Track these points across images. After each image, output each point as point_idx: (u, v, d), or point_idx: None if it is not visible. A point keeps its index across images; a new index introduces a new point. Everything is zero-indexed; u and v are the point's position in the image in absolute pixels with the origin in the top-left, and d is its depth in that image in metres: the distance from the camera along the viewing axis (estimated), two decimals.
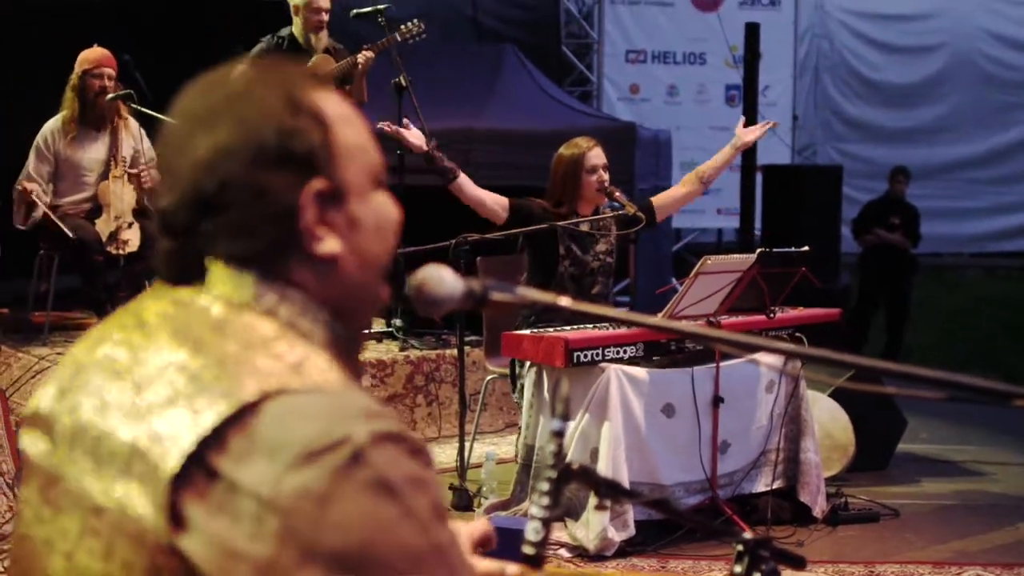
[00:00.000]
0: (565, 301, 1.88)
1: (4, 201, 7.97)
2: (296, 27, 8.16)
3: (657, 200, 6.84)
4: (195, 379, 1.44)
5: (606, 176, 6.54)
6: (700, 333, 1.99)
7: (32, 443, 1.59)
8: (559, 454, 1.94)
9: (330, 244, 1.56)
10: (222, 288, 1.56)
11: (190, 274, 1.59)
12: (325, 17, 8.13)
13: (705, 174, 6.78)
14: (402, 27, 8.27)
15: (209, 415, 1.39)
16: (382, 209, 1.64)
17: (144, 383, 1.47)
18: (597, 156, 6.54)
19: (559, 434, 1.98)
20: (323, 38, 8.17)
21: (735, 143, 6.82)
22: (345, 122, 1.61)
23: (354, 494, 1.36)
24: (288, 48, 8.12)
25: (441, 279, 1.74)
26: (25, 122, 8.24)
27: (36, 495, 1.56)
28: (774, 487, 6.40)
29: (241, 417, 1.39)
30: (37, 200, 7.72)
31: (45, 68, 9.07)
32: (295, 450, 1.36)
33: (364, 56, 8.08)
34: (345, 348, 1.60)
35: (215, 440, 1.38)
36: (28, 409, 1.63)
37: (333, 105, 1.61)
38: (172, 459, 1.39)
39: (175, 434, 1.40)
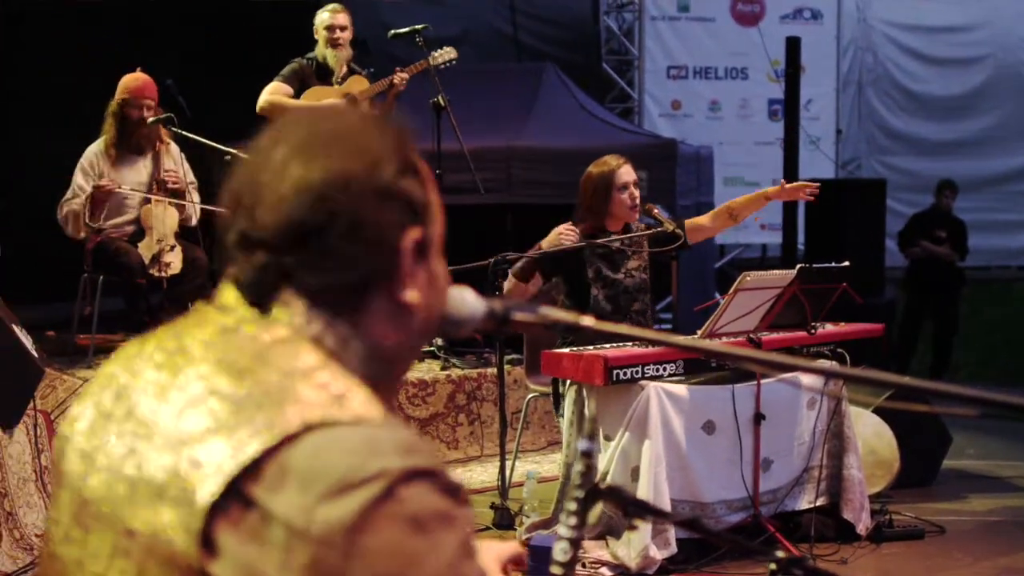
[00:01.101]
0: (588, 321, 1.87)
1: (9, 203, 8.03)
2: (319, 48, 8.28)
3: (689, 224, 6.75)
4: (238, 408, 1.45)
5: (637, 193, 6.52)
6: (734, 354, 1.96)
7: (67, 463, 1.60)
8: (587, 474, 1.93)
9: (413, 293, 1.59)
10: (273, 312, 1.56)
11: (259, 293, 1.58)
12: (342, 35, 8.27)
13: (735, 212, 6.69)
14: (435, 52, 8.33)
15: (252, 445, 1.40)
16: (444, 273, 1.68)
17: (186, 410, 1.48)
18: (627, 173, 6.51)
19: (587, 454, 1.97)
20: (343, 57, 8.28)
21: (768, 194, 6.67)
22: (433, 185, 1.65)
23: (384, 528, 1.37)
24: (315, 70, 8.29)
25: (463, 299, 1.74)
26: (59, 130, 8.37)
27: (67, 515, 1.57)
28: (817, 504, 6.35)
29: (279, 447, 1.40)
30: (110, 187, 7.82)
31: (86, 74, 9.21)
32: (329, 482, 1.37)
33: (400, 77, 8.14)
34: (380, 388, 1.59)
35: (251, 469, 1.40)
36: (65, 428, 1.64)
37: (425, 167, 1.65)
38: (211, 486, 1.40)
39: (216, 462, 1.41)
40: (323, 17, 8.32)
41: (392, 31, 8.37)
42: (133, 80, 8.03)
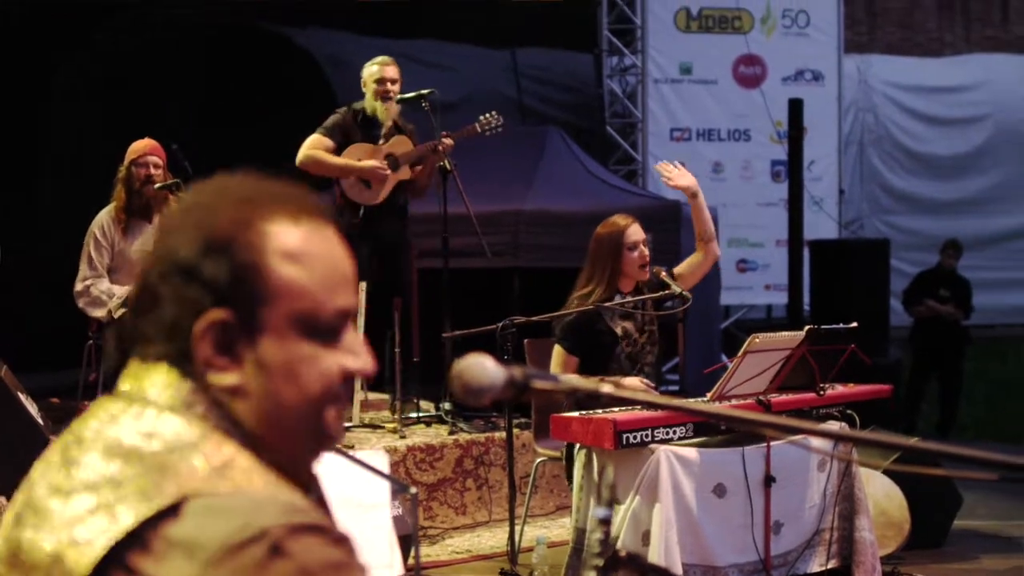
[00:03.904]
0: (607, 388, 1.87)
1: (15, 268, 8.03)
2: (367, 100, 8.29)
3: (679, 270, 6.77)
4: (119, 487, 1.44)
5: (647, 252, 6.53)
6: (747, 419, 1.96)
7: None
8: (606, 541, 1.93)
9: (227, 378, 1.53)
10: (154, 392, 1.54)
11: (115, 364, 1.63)
12: (391, 87, 8.27)
13: (699, 233, 6.77)
14: (481, 118, 8.39)
15: (127, 518, 1.40)
16: (307, 361, 1.55)
17: (73, 496, 1.47)
18: (636, 232, 6.53)
19: (605, 521, 1.96)
20: (392, 109, 8.29)
21: (682, 189, 6.84)
22: (293, 259, 1.54)
23: None
24: (360, 121, 8.29)
25: (483, 367, 1.72)
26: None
27: None
28: (829, 567, 6.32)
29: (161, 519, 1.40)
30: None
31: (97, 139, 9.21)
32: (214, 547, 1.37)
33: (444, 144, 8.14)
34: (277, 468, 1.55)
35: (136, 541, 1.40)
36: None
37: (291, 237, 1.55)
38: (86, 559, 1.40)
39: (91, 538, 1.41)
40: (372, 70, 8.32)
41: (398, 96, 8.37)
42: (139, 143, 8.05)
